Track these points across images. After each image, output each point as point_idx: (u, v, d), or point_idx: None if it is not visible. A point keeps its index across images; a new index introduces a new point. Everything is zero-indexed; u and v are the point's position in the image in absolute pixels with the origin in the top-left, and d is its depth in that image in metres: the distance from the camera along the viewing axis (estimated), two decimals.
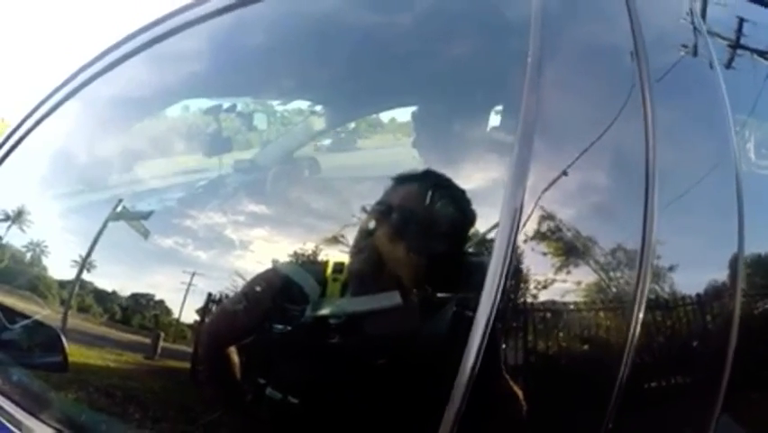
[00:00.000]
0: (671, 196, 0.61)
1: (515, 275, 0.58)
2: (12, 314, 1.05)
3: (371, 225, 0.75)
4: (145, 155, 1.19)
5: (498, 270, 0.57)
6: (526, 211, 0.58)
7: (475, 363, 0.56)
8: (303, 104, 1.25)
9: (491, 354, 0.57)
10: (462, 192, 0.70)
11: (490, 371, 0.57)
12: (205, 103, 1.21)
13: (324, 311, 0.75)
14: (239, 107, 1.25)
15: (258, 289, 0.80)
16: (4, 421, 0.97)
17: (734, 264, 0.63)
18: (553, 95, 0.64)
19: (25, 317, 1.03)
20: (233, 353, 0.80)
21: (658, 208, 0.59)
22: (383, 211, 0.76)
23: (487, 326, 0.56)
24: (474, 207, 0.68)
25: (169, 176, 1.18)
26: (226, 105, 1.22)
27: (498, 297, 0.57)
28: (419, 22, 0.88)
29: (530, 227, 0.59)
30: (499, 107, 0.81)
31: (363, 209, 0.77)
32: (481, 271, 0.59)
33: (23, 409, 0.97)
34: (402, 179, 0.78)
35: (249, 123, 1.26)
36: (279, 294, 0.79)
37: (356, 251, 0.76)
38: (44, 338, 0.98)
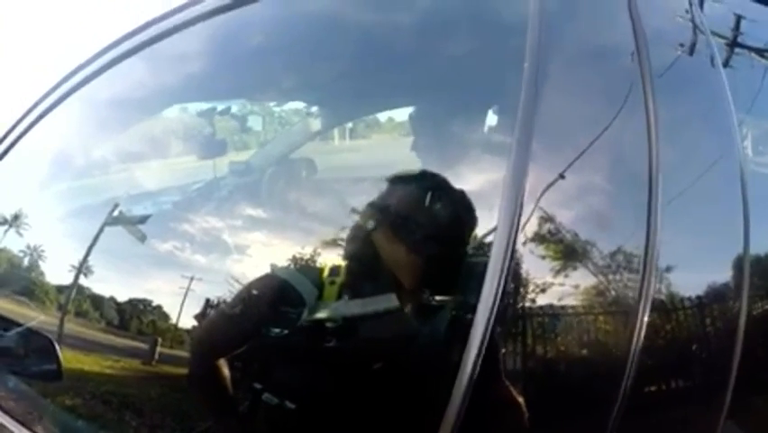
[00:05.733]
0: (674, 195, 0.60)
1: (514, 278, 0.57)
2: (5, 321, 1.04)
3: (370, 225, 0.74)
4: (141, 158, 1.18)
5: (497, 271, 0.56)
6: (526, 213, 0.57)
7: (474, 367, 0.55)
8: (299, 105, 1.24)
9: (491, 358, 0.56)
10: (463, 193, 0.69)
11: (490, 376, 0.56)
12: (202, 105, 1.20)
13: (321, 315, 0.74)
14: (234, 109, 1.24)
15: (254, 293, 0.79)
16: None
17: (739, 265, 0.62)
18: (552, 94, 0.63)
19: (18, 324, 1.02)
20: (230, 358, 0.79)
21: (662, 208, 0.58)
22: (383, 212, 0.75)
23: (486, 329, 0.55)
24: (474, 208, 0.67)
25: (165, 179, 1.17)
26: (221, 107, 1.21)
27: (498, 299, 0.56)
28: (415, 21, 0.87)
29: (530, 229, 0.57)
30: (498, 107, 0.80)
31: (361, 211, 0.76)
32: (482, 273, 0.57)
33: (16, 419, 0.96)
34: (401, 180, 0.77)
35: (244, 125, 1.25)
36: (276, 298, 0.78)
37: (354, 251, 0.75)
38: (38, 346, 0.97)
